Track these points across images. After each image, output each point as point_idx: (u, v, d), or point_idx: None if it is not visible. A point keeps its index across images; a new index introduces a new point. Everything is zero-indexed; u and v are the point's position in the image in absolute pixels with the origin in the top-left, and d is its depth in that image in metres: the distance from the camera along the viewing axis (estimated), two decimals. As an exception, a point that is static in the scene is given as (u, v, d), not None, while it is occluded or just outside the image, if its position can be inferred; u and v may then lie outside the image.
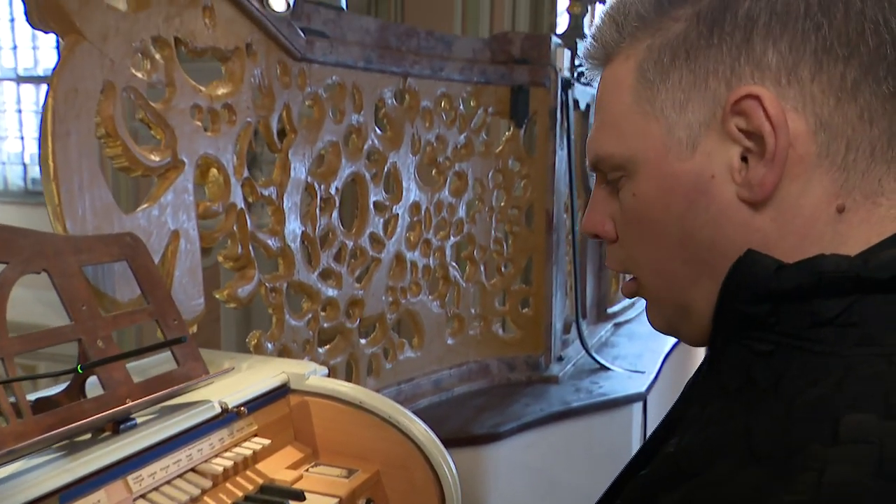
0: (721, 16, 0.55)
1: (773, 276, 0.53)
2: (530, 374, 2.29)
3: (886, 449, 0.42)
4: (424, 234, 2.04)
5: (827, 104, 0.53)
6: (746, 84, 0.54)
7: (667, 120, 0.58)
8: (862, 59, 0.52)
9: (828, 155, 0.54)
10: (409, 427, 1.21)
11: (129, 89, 1.20)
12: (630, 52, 0.60)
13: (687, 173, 0.57)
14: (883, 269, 0.50)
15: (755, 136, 0.54)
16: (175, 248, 1.31)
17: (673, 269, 0.61)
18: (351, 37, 1.71)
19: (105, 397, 0.97)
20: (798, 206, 0.55)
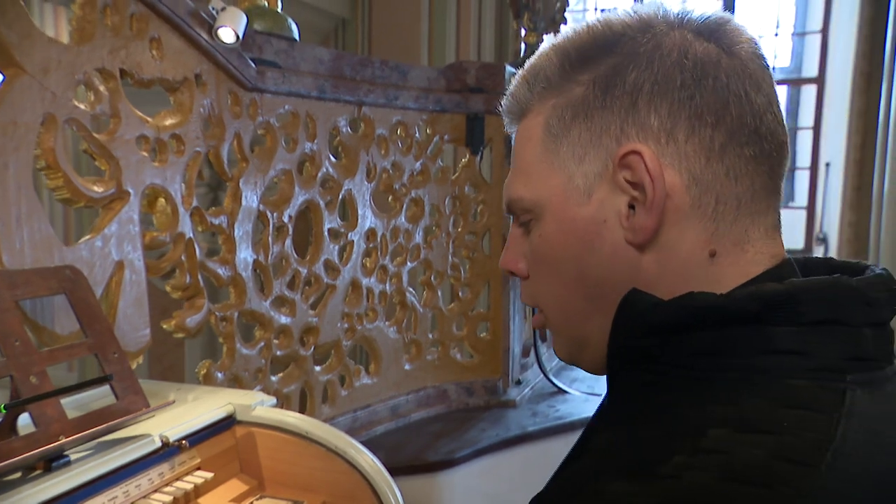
0: (613, 82, 0.63)
1: (651, 312, 0.60)
2: (488, 398, 2.29)
3: (734, 456, 0.50)
4: (381, 261, 2.04)
5: (698, 162, 0.61)
6: (632, 142, 0.62)
7: (567, 170, 0.65)
8: (727, 126, 0.61)
9: (700, 206, 0.61)
10: (356, 458, 1.21)
11: (72, 121, 1.20)
12: (540, 109, 0.68)
13: (583, 218, 0.65)
14: (738, 304, 0.57)
15: (639, 186, 0.61)
16: (119, 279, 1.30)
17: (572, 304, 0.68)
18: (304, 66, 1.72)
19: (36, 435, 0.95)
20: (676, 249, 0.62)
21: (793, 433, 0.51)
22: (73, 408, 1.16)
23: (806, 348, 0.55)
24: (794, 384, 0.54)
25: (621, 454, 0.57)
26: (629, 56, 0.63)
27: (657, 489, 0.49)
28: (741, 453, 0.50)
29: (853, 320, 0.56)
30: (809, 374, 0.55)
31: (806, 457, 0.49)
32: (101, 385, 1.05)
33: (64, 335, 1.20)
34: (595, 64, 0.65)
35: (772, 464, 0.49)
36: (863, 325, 0.57)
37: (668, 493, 0.49)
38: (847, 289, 0.57)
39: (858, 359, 0.56)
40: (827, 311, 0.56)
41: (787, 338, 0.56)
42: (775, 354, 0.56)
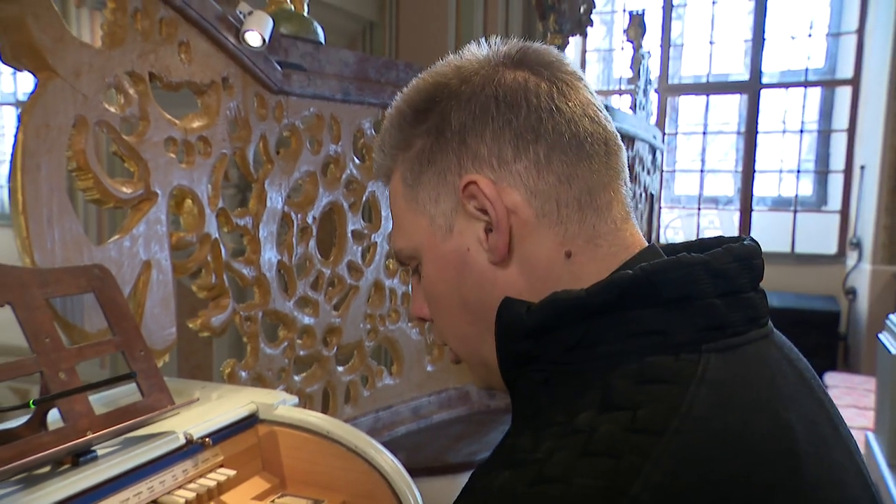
0: (442, 126, 0.71)
1: (524, 316, 0.65)
2: (510, 400, 2.28)
3: (594, 434, 0.55)
4: (404, 262, 2.05)
5: (531, 176, 0.68)
6: (469, 174, 0.69)
7: (428, 213, 0.73)
8: (546, 139, 0.68)
9: (545, 215, 0.68)
10: (377, 458, 1.22)
11: (102, 123, 1.23)
12: (395, 167, 0.77)
13: (451, 251, 0.72)
14: (596, 295, 0.62)
15: (485, 211, 0.68)
16: (147, 279, 1.33)
17: (465, 331, 0.74)
18: (329, 69, 1.74)
19: (65, 430, 0.98)
20: (535, 258, 0.69)
21: (647, 406, 0.55)
22: (101, 404, 1.19)
23: (667, 326, 0.60)
24: (652, 361, 0.59)
25: (508, 450, 0.62)
26: (449, 100, 0.70)
27: (529, 472, 0.54)
28: (601, 430, 0.55)
29: (704, 293, 0.61)
30: (669, 350, 0.59)
31: (654, 425, 0.54)
32: (127, 382, 1.07)
33: (93, 333, 1.23)
34: (426, 115, 0.72)
35: (624, 436, 0.53)
36: (714, 296, 0.61)
37: (537, 474, 0.53)
38: (693, 265, 0.62)
39: (712, 328, 0.60)
40: (679, 287, 0.61)
41: (649, 319, 0.60)
42: (639, 336, 0.60)
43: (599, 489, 0.51)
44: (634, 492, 0.50)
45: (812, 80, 6.46)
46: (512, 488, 0.54)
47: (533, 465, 0.55)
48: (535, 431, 0.59)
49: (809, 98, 6.50)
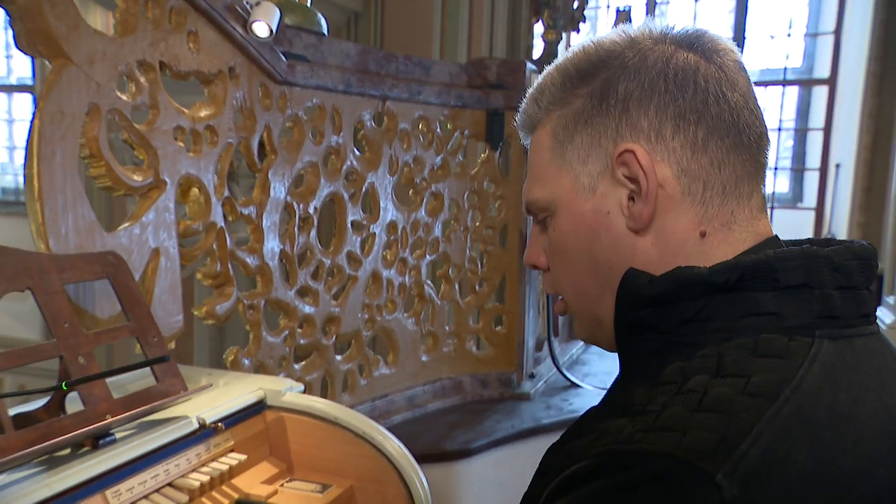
0: (607, 93, 0.73)
1: (646, 287, 0.69)
2: (503, 390, 2.33)
3: (707, 393, 0.58)
4: (401, 253, 2.08)
5: (685, 155, 0.70)
6: (626, 142, 0.71)
7: (574, 171, 0.75)
8: (708, 123, 0.70)
9: (690, 193, 0.71)
10: (384, 443, 1.24)
11: (114, 111, 1.24)
12: (547, 121, 0.78)
13: (590, 210, 0.74)
14: (719, 274, 0.66)
15: (635, 180, 0.71)
16: (155, 266, 1.34)
17: (586, 287, 0.78)
18: (331, 61, 1.75)
19: (85, 413, 0.99)
20: (671, 232, 0.72)
21: (760, 375, 0.59)
22: (112, 389, 1.20)
23: (781, 310, 0.64)
24: (767, 338, 0.63)
25: (620, 402, 0.66)
26: (619, 69, 0.73)
27: (643, 420, 0.59)
28: (713, 391, 0.59)
29: (823, 284, 0.65)
30: (783, 331, 0.63)
31: (767, 391, 0.58)
32: (156, 365, 1.09)
33: (104, 319, 1.23)
34: (591, 79, 0.74)
35: (736, 398, 0.57)
36: (831, 288, 0.65)
37: (650, 422, 0.58)
38: (817, 257, 0.65)
39: (827, 317, 0.64)
40: (799, 276, 0.64)
41: (765, 301, 0.64)
42: (755, 316, 0.64)
43: (712, 440, 0.54)
44: (745, 447, 0.54)
45: (790, 79, 6.58)
46: (630, 433, 0.58)
47: (648, 415, 0.59)
48: (647, 389, 0.63)
49: (787, 97, 6.62)
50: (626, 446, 0.57)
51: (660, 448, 0.55)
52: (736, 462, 0.53)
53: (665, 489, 0.53)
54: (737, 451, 0.53)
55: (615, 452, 0.57)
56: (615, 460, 0.57)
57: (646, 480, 0.54)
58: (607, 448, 0.58)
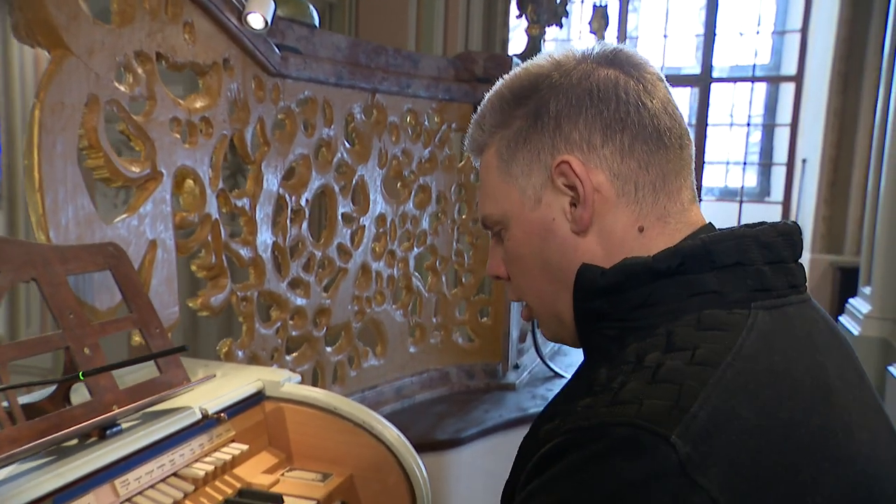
0: (541, 112, 0.80)
1: (599, 278, 0.77)
2: (488, 381, 2.36)
3: (661, 367, 0.66)
4: (389, 245, 2.09)
5: (615, 161, 0.78)
6: (562, 154, 0.79)
7: (519, 185, 0.82)
8: (632, 130, 0.78)
9: (624, 195, 0.78)
10: (383, 432, 1.26)
11: (112, 102, 1.23)
12: (491, 143, 0.85)
13: (538, 219, 0.82)
14: (662, 261, 0.73)
15: (573, 188, 0.79)
16: (152, 258, 1.34)
17: (543, 288, 0.84)
18: (323, 53, 1.76)
19: (93, 403, 1.00)
20: (612, 231, 0.79)
21: (704, 346, 0.67)
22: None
23: (721, 287, 0.72)
24: (708, 313, 0.70)
25: (585, 385, 0.73)
26: (548, 90, 0.80)
27: (606, 396, 0.65)
28: (666, 364, 0.66)
29: (754, 261, 0.73)
30: (723, 306, 0.71)
31: (710, 360, 0.65)
32: (174, 354, 1.10)
33: (102, 310, 1.23)
34: (525, 100, 0.81)
35: (685, 368, 0.65)
36: (762, 264, 0.73)
37: (613, 397, 0.65)
38: (746, 237, 0.73)
39: (761, 290, 0.72)
40: (733, 255, 0.72)
41: (706, 281, 0.72)
42: (699, 296, 0.72)
43: (665, 407, 0.61)
44: (694, 410, 0.61)
45: (759, 76, 6.72)
46: (594, 408, 0.65)
47: (608, 391, 0.66)
48: (608, 370, 0.70)
49: (756, 93, 6.77)
50: (591, 421, 0.63)
51: (621, 418, 0.62)
52: (687, 424, 0.60)
53: (630, 454, 0.60)
54: (687, 413, 0.61)
55: (583, 427, 0.64)
56: (584, 434, 0.63)
57: (613, 448, 0.61)
58: (575, 424, 0.64)
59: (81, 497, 0.90)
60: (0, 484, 0.83)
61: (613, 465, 0.61)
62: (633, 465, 0.60)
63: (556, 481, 0.64)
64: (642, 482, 0.59)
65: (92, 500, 0.92)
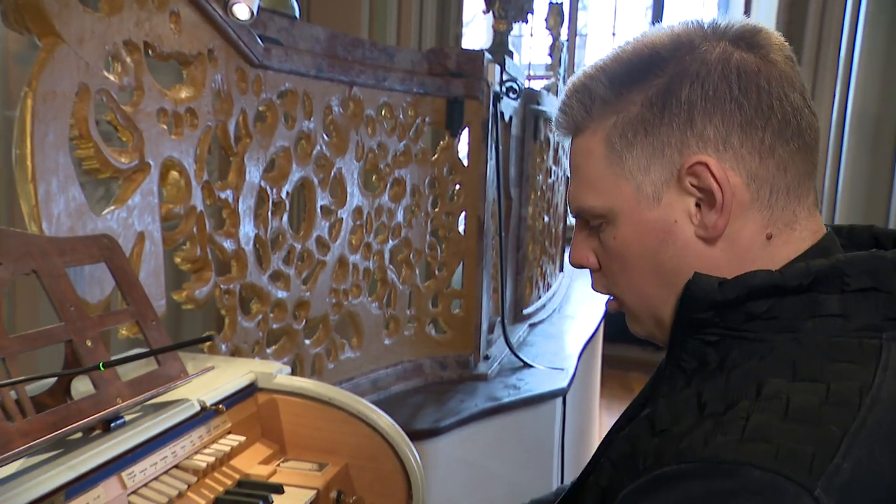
0: (668, 100, 0.71)
1: (717, 291, 0.70)
2: (461, 372, 2.40)
3: (791, 401, 0.61)
4: (366, 238, 2.10)
5: (754, 162, 0.71)
6: (694, 153, 0.71)
7: (635, 180, 0.75)
8: (774, 127, 0.70)
9: (758, 199, 0.72)
10: (377, 420, 1.29)
11: (102, 91, 1.21)
12: (597, 127, 0.77)
13: (656, 220, 0.75)
14: (792, 279, 0.68)
15: (705, 190, 0.71)
16: (140, 250, 1.32)
17: (649, 291, 0.78)
18: (302, 45, 1.75)
19: (98, 396, 0.99)
20: (739, 238, 0.73)
21: (838, 382, 0.62)
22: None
23: (849, 311, 0.66)
24: (838, 341, 0.65)
25: (693, 398, 0.68)
26: (679, 74, 0.71)
27: (732, 427, 0.60)
28: (796, 399, 0.61)
29: (890, 287, 0.67)
30: (852, 333, 0.66)
31: (849, 401, 0.60)
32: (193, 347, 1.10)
33: (93, 304, 1.21)
34: (646, 84, 0.72)
35: (822, 407, 0.60)
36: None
37: (741, 431, 0.59)
38: (884, 261, 0.68)
39: (891, 318, 0.67)
40: (867, 280, 0.67)
41: (834, 304, 0.67)
42: (823, 318, 0.67)
43: (807, 454, 0.56)
44: (837, 461, 0.56)
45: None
46: (725, 442, 0.59)
47: (735, 422, 0.60)
48: (722, 388, 0.65)
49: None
50: (722, 456, 0.58)
51: (758, 460, 0.56)
52: (831, 476, 0.55)
53: (765, 501, 0.55)
54: (830, 464, 0.56)
55: (714, 461, 0.58)
56: (716, 468, 0.58)
57: (747, 490, 0.56)
58: (701, 455, 0.59)
59: (91, 489, 0.90)
60: (11, 478, 0.82)
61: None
62: None
63: None
64: None
65: (101, 492, 0.92)
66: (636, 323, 0.83)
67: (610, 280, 0.82)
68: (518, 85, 2.52)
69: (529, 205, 3.18)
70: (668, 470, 0.61)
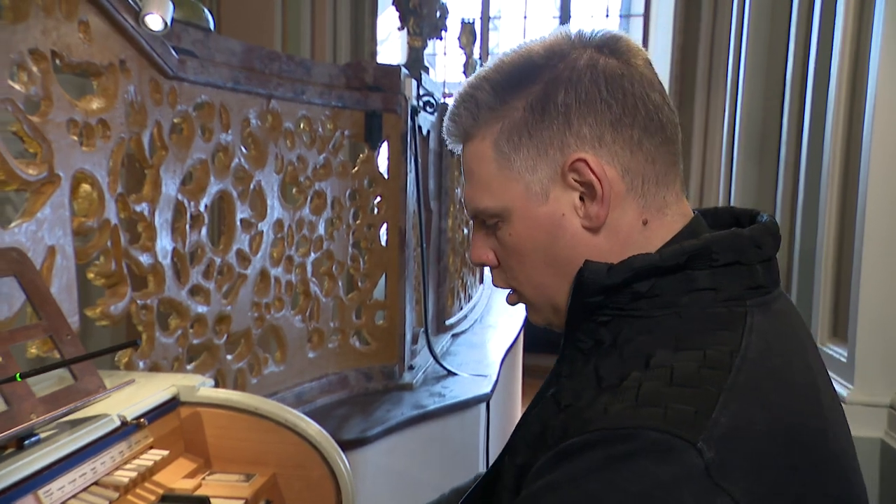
0: (546, 105, 0.77)
1: (606, 275, 0.77)
2: (386, 382, 2.41)
3: (675, 370, 0.68)
4: (287, 251, 2.09)
5: (626, 156, 0.78)
6: (574, 151, 0.77)
7: (524, 180, 0.80)
8: (640, 123, 0.77)
9: (632, 189, 0.78)
10: (305, 428, 1.28)
11: (7, 101, 1.17)
12: (485, 133, 0.81)
13: (546, 215, 0.80)
14: (668, 260, 0.75)
15: (586, 184, 0.78)
16: (51, 265, 1.28)
17: (545, 281, 0.84)
18: (219, 57, 1.74)
19: (10, 413, 0.95)
20: (619, 225, 0.79)
21: (713, 348, 0.70)
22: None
23: (718, 284, 0.75)
24: (711, 312, 0.74)
25: (590, 377, 0.74)
26: (553, 81, 0.77)
27: (626, 397, 0.67)
28: (679, 366, 0.68)
29: (749, 260, 0.76)
30: (721, 304, 0.74)
31: (722, 364, 0.68)
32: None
33: (1, 320, 1.17)
34: (525, 90, 0.78)
35: (700, 371, 0.68)
36: (755, 263, 0.76)
37: (633, 399, 0.67)
38: (742, 237, 0.76)
39: (754, 287, 0.76)
40: (731, 255, 0.75)
41: (705, 278, 0.75)
42: (697, 291, 0.75)
43: (690, 412, 0.64)
44: (715, 416, 0.63)
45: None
46: (619, 409, 0.66)
47: (628, 391, 0.67)
48: (616, 364, 0.72)
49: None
50: (619, 422, 0.65)
51: (650, 422, 0.63)
52: (710, 429, 0.63)
53: (660, 457, 0.62)
54: (709, 419, 0.63)
55: (611, 428, 0.65)
56: (613, 434, 0.64)
57: (643, 450, 0.62)
58: (602, 425, 0.65)
59: (6, 509, 0.87)
60: (-85, 501, 0.79)
61: (644, 465, 0.62)
62: (662, 467, 0.62)
63: (583, 477, 0.64)
64: (671, 483, 0.61)
65: (17, 511, 0.88)
66: (535, 313, 0.88)
67: (509, 275, 0.87)
68: (435, 99, 2.58)
69: (449, 217, 3.24)
70: (573, 441, 0.66)
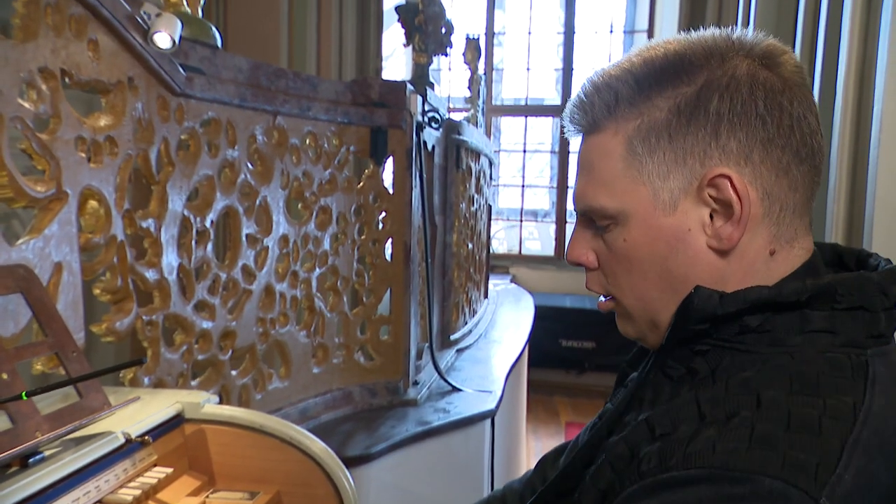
0: (696, 110, 0.72)
1: (718, 304, 0.72)
2: (391, 398, 2.40)
3: (792, 413, 0.64)
4: (292, 266, 2.09)
5: (770, 179, 0.73)
6: (716, 164, 0.72)
7: (653, 185, 0.75)
8: (792, 147, 0.72)
9: (769, 215, 0.74)
10: (310, 446, 1.28)
11: (17, 119, 1.18)
12: (619, 128, 0.76)
13: (670, 227, 0.75)
14: (789, 296, 0.71)
15: (723, 202, 0.73)
16: (57, 281, 1.28)
17: (651, 295, 0.79)
18: (225, 74, 1.75)
19: (16, 431, 0.95)
20: (746, 251, 0.75)
21: (833, 397, 0.65)
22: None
23: (836, 328, 0.70)
24: (829, 356, 0.69)
25: (689, 405, 0.70)
26: (709, 85, 0.71)
27: (737, 435, 0.63)
28: (797, 411, 0.63)
29: (874, 306, 0.71)
30: (839, 349, 0.70)
31: (844, 415, 0.64)
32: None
33: (6, 337, 1.17)
34: (672, 90, 0.73)
35: (821, 420, 0.63)
36: (880, 310, 0.71)
37: (747, 437, 0.62)
38: (872, 282, 0.72)
39: (876, 336, 0.71)
40: (856, 299, 0.70)
41: (821, 320, 0.70)
42: (812, 333, 0.70)
43: (812, 463, 0.59)
44: (839, 471, 0.59)
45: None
46: (733, 449, 0.61)
47: (739, 430, 0.63)
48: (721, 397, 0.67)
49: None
50: (733, 463, 0.60)
51: (767, 469, 0.59)
52: (834, 486, 0.58)
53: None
54: (833, 474, 0.59)
55: (723, 468, 0.60)
56: (723, 475, 0.60)
57: (755, 496, 0.58)
58: (712, 463, 0.61)
59: (10, 529, 0.87)
60: (-82, 519, 0.78)
61: None
62: None
63: None
64: None
65: (20, 531, 0.88)
66: (628, 324, 0.84)
67: (609, 280, 0.82)
68: (440, 115, 2.59)
69: (454, 232, 3.24)
70: (677, 474, 0.62)
